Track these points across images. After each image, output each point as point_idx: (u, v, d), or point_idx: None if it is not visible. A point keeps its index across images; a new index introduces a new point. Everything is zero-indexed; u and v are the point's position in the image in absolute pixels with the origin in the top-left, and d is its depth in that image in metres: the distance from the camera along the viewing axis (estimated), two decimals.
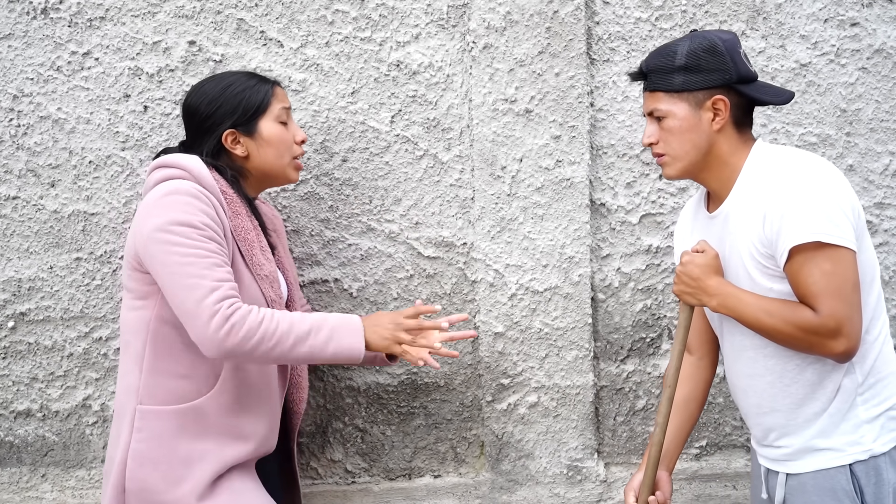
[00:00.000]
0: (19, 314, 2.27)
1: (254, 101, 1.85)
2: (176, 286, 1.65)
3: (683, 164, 1.70)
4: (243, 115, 1.84)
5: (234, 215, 1.79)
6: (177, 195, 1.69)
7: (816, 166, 1.62)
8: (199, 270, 1.65)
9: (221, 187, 1.79)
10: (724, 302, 1.65)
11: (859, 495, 1.62)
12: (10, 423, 2.31)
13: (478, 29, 2.23)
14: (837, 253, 1.55)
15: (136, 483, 1.73)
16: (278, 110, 1.87)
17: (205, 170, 1.77)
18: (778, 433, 1.72)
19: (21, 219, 2.24)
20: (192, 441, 1.74)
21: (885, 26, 2.33)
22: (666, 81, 1.67)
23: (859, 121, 2.35)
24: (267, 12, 2.22)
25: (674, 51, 1.67)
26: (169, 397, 1.75)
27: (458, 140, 2.29)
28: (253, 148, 1.85)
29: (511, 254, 2.29)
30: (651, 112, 1.71)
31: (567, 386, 2.34)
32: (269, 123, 1.86)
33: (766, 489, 1.78)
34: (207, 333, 1.63)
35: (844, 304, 1.55)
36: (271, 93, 1.88)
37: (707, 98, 1.66)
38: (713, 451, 2.44)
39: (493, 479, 2.37)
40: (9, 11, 2.19)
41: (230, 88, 1.85)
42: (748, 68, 1.68)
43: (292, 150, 1.90)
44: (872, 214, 2.37)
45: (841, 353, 1.57)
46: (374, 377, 2.36)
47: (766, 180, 1.63)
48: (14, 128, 2.22)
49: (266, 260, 1.84)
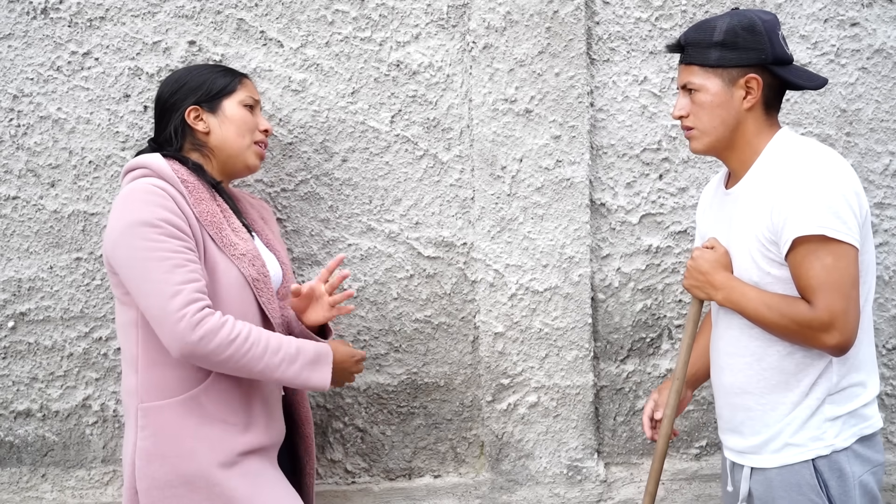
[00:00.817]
0: (19, 314, 2.27)
1: (220, 83, 1.89)
2: (140, 293, 1.68)
3: (711, 139, 1.72)
4: (207, 94, 1.88)
5: (197, 201, 1.79)
6: (133, 194, 1.72)
7: (831, 162, 1.63)
8: (160, 275, 1.66)
9: (182, 176, 1.80)
10: (729, 296, 1.70)
11: (824, 490, 1.65)
12: (10, 423, 2.31)
13: (478, 29, 2.23)
14: (840, 248, 1.56)
15: (147, 481, 1.73)
16: (244, 96, 1.91)
17: (163, 163, 1.79)
18: (744, 416, 1.74)
19: (21, 219, 2.24)
20: (196, 431, 1.74)
21: (885, 26, 2.33)
22: (702, 55, 1.68)
23: (859, 121, 2.35)
24: (267, 12, 2.22)
25: (713, 26, 1.68)
26: (167, 391, 1.75)
27: (458, 140, 2.29)
28: (215, 125, 1.88)
29: (511, 254, 2.29)
30: (685, 85, 1.73)
31: (567, 386, 2.34)
32: (234, 105, 1.89)
33: (731, 482, 1.81)
34: (175, 338, 1.65)
35: (841, 298, 1.57)
36: (239, 81, 1.92)
37: (741, 76, 1.67)
38: (713, 451, 2.44)
39: (493, 479, 2.37)
40: (9, 11, 2.19)
41: (196, 70, 1.92)
42: (784, 50, 1.68)
43: (254, 134, 1.92)
44: (872, 214, 2.37)
45: (834, 347, 1.59)
46: (374, 377, 2.36)
47: (781, 168, 1.65)
48: (14, 128, 2.22)
49: (241, 240, 1.83)
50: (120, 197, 1.74)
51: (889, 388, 2.45)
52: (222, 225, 1.81)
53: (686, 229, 2.34)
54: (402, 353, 2.35)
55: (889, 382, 2.45)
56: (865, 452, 1.68)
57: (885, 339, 2.42)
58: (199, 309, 1.65)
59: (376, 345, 2.34)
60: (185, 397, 1.74)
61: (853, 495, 1.65)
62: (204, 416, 1.75)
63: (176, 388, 1.75)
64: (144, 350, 1.75)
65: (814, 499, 1.65)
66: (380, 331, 2.34)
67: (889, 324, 2.42)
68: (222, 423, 1.76)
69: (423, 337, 2.34)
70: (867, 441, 1.69)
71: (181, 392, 1.75)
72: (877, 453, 1.70)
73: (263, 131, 1.94)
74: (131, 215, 1.69)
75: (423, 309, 2.33)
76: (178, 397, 1.74)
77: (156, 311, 1.66)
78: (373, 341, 2.34)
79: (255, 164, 1.94)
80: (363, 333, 2.34)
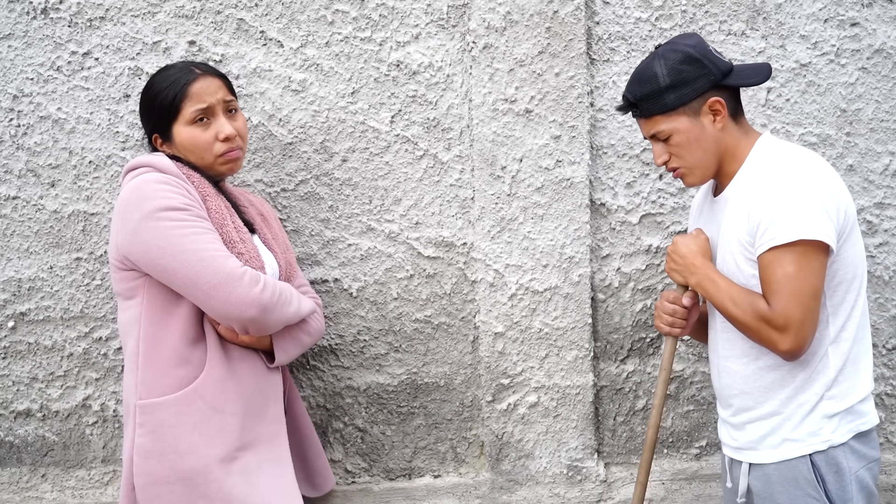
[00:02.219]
0: (19, 314, 2.27)
1: (164, 106, 1.83)
2: (187, 264, 1.67)
3: (702, 170, 1.76)
4: (158, 123, 1.85)
5: (205, 197, 1.80)
6: (146, 184, 1.72)
7: (807, 166, 1.66)
8: (206, 245, 1.68)
9: (185, 172, 1.81)
10: (701, 282, 1.75)
11: (821, 485, 1.68)
12: (10, 423, 2.31)
13: (478, 29, 2.23)
14: (805, 257, 1.60)
15: (144, 478, 1.73)
16: (191, 111, 1.82)
17: (167, 160, 1.79)
18: (744, 415, 1.77)
19: (21, 219, 2.24)
20: (195, 426, 1.74)
21: (885, 26, 2.33)
22: (659, 105, 1.71)
23: (859, 121, 2.35)
24: (267, 12, 2.22)
25: (653, 74, 1.70)
26: (166, 387, 1.75)
27: (458, 140, 2.29)
28: (176, 150, 1.87)
29: (511, 254, 2.29)
30: (653, 135, 1.76)
31: (567, 386, 2.34)
32: (182, 128, 1.84)
33: (730, 478, 1.84)
34: (247, 295, 1.69)
35: (798, 307, 1.60)
36: (182, 94, 1.81)
37: (701, 104, 1.71)
38: (713, 451, 2.44)
39: (493, 479, 2.37)
40: (9, 11, 2.19)
41: (146, 93, 1.87)
42: (724, 61, 1.72)
43: (213, 149, 1.84)
44: (872, 214, 2.37)
45: (785, 351, 1.63)
46: (374, 377, 2.36)
47: (759, 175, 1.69)
48: (14, 128, 2.22)
49: (241, 239, 1.84)
50: (128, 190, 1.73)
51: (889, 388, 2.45)
52: (226, 221, 1.82)
53: (686, 229, 2.34)
54: (402, 353, 2.35)
55: (889, 382, 2.45)
56: (862, 448, 1.70)
57: (885, 339, 2.42)
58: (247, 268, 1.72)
59: (376, 345, 2.34)
60: (183, 392, 1.75)
61: (850, 490, 1.67)
62: (203, 409, 1.75)
63: (175, 384, 1.75)
64: (145, 347, 1.76)
65: (811, 493, 1.67)
66: (380, 331, 2.34)
67: (889, 324, 2.42)
68: (221, 415, 1.76)
69: (423, 337, 2.35)
70: (864, 437, 1.71)
71: (179, 388, 1.75)
72: (873, 449, 1.72)
73: (224, 140, 1.85)
74: (150, 203, 1.69)
75: (423, 309, 2.33)
76: (176, 393, 1.75)
77: (210, 277, 1.66)
78: (373, 341, 2.34)
79: (226, 172, 1.91)
80: (363, 333, 2.34)
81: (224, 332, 1.78)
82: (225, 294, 1.68)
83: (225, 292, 1.67)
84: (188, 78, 1.83)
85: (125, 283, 1.78)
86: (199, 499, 1.73)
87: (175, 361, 1.75)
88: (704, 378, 2.40)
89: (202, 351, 1.78)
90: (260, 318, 1.73)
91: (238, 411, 1.78)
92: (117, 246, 1.75)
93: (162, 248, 1.67)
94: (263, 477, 1.79)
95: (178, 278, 1.69)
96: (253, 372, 1.84)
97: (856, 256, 1.69)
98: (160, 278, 1.72)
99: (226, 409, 1.77)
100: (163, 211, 1.68)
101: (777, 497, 1.71)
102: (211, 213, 1.79)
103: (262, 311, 1.72)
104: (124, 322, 1.81)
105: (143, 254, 1.70)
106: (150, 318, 1.76)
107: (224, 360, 1.79)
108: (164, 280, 1.72)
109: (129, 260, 1.74)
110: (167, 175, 1.75)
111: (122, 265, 1.76)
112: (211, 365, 1.77)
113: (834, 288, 1.68)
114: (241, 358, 1.83)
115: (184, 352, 1.76)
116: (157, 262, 1.69)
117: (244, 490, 1.75)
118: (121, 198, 1.75)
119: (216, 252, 1.68)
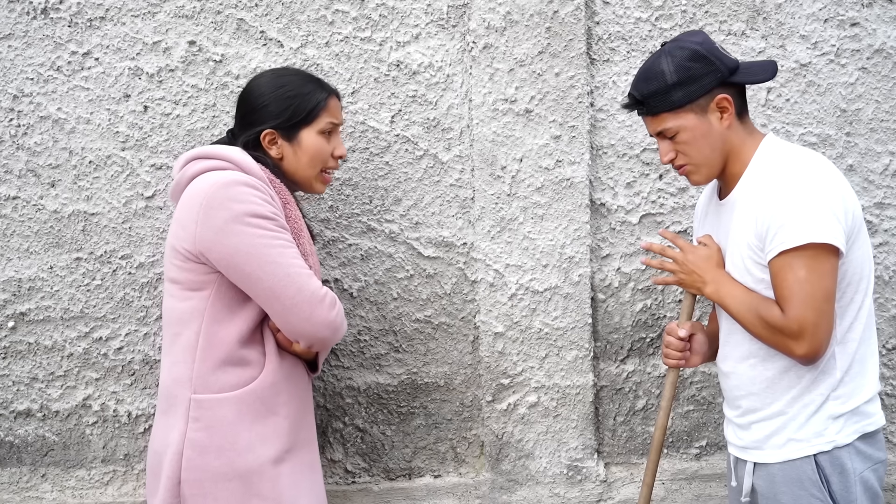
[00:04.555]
0: (19, 314, 2.27)
1: (302, 109, 1.83)
2: (274, 276, 1.68)
3: (708, 168, 1.75)
4: (288, 121, 1.83)
5: (284, 204, 1.80)
6: (239, 186, 1.69)
7: (813, 169, 1.65)
8: (292, 259, 1.70)
9: (269, 177, 1.80)
10: (718, 291, 1.74)
11: (826, 485, 1.67)
12: (10, 423, 2.31)
13: (478, 29, 2.23)
14: (815, 261, 1.59)
15: (197, 472, 1.72)
16: (325, 123, 1.86)
17: (251, 160, 1.77)
18: (750, 415, 1.77)
19: (21, 219, 2.24)
20: (252, 425, 1.75)
21: (885, 26, 2.33)
22: (666, 102, 1.70)
23: (859, 121, 2.35)
24: (267, 12, 2.22)
25: (661, 71, 1.69)
26: (225, 385, 1.75)
27: (458, 140, 2.29)
28: (289, 153, 1.85)
29: (511, 254, 2.29)
30: (660, 133, 1.75)
31: (567, 386, 2.34)
32: (312, 134, 1.85)
33: (735, 477, 1.84)
34: (326, 317, 1.72)
35: (812, 311, 1.59)
36: (323, 105, 1.85)
37: (709, 101, 1.70)
38: (713, 451, 2.44)
39: (493, 479, 2.37)
40: (9, 11, 2.19)
41: (283, 89, 1.84)
42: (730, 58, 1.71)
43: (326, 162, 1.89)
44: (872, 214, 2.37)
45: (802, 356, 1.62)
46: (374, 377, 2.36)
47: (765, 178, 1.68)
48: (14, 128, 2.22)
49: (311, 251, 1.86)
50: (212, 186, 1.69)
51: (889, 388, 2.45)
52: (302, 232, 1.83)
53: (686, 229, 2.34)
54: (402, 353, 2.35)
55: (889, 382, 2.45)
56: (867, 449, 1.69)
57: (885, 339, 2.42)
58: (327, 290, 1.75)
59: (376, 345, 2.34)
60: (243, 391, 1.75)
61: (854, 491, 1.66)
62: (260, 409, 1.76)
63: (233, 381, 1.75)
64: (205, 342, 1.74)
65: (815, 494, 1.67)
66: (380, 331, 2.34)
67: (889, 324, 2.42)
68: (275, 417, 1.77)
69: (423, 337, 2.35)
70: (869, 438, 1.70)
71: (240, 386, 1.75)
72: (878, 451, 1.71)
73: (337, 157, 1.91)
74: (239, 206, 1.67)
75: (423, 309, 2.33)
76: (236, 391, 1.74)
77: (294, 293, 1.68)
78: (373, 341, 2.34)
79: (320, 190, 1.93)
80: (363, 333, 2.34)
81: (282, 340, 1.79)
82: (306, 313, 1.70)
83: (306, 311, 1.70)
84: (330, 90, 1.89)
85: (194, 274, 1.74)
86: (254, 497, 1.73)
87: (233, 360, 1.75)
88: (704, 378, 2.40)
89: (259, 353, 1.78)
90: (330, 338, 1.77)
91: (289, 415, 1.80)
92: (194, 240, 1.70)
93: (249, 254, 1.67)
94: (304, 481, 1.82)
95: (260, 288, 1.69)
96: (301, 379, 1.86)
97: (863, 258, 1.69)
98: (237, 282, 1.71)
99: (279, 412, 1.78)
100: (252, 217, 1.67)
101: (781, 497, 1.70)
102: (290, 222, 1.79)
103: (333, 332, 1.76)
104: (182, 310, 1.77)
105: (227, 256, 1.68)
106: (215, 315, 1.74)
107: (280, 365, 1.80)
108: (243, 285, 1.71)
109: (205, 256, 1.71)
110: (253, 178, 1.73)
111: (196, 258, 1.72)
112: (269, 368, 1.77)
113: (843, 290, 1.67)
114: (293, 365, 1.84)
115: (241, 352, 1.76)
116: (242, 267, 1.68)
117: (293, 492, 1.77)
118: (199, 190, 1.71)
119: (301, 269, 1.70)
